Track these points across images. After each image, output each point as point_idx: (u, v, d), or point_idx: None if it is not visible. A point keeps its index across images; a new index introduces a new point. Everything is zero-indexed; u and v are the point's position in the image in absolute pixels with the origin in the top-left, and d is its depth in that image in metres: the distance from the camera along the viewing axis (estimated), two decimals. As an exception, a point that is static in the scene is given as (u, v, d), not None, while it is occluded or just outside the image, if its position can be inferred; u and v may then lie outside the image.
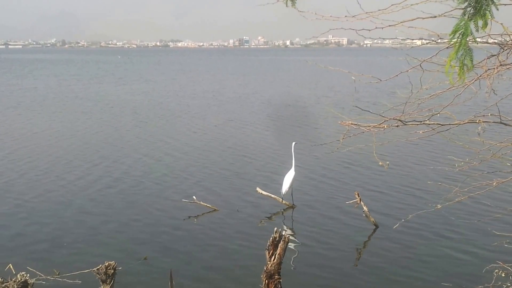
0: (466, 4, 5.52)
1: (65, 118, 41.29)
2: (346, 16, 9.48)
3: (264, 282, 11.57)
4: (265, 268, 11.55)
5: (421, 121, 10.19)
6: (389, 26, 9.38)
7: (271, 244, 11.71)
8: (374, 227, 16.83)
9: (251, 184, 21.34)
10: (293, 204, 19.02)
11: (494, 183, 10.15)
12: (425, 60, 10.62)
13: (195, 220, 17.95)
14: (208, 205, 18.66)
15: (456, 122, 10.23)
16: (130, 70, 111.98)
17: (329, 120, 35.96)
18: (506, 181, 10.29)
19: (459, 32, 4.67)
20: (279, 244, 11.67)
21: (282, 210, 18.81)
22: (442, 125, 10.22)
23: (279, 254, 11.63)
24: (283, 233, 11.78)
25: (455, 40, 4.69)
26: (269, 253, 11.69)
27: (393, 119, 10.12)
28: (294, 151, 19.42)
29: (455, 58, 4.77)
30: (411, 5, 9.75)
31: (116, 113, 43.17)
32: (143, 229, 17.11)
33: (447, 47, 10.15)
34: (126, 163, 25.70)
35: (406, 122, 10.17)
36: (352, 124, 10.33)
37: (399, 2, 9.18)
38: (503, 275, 10.19)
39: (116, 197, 20.33)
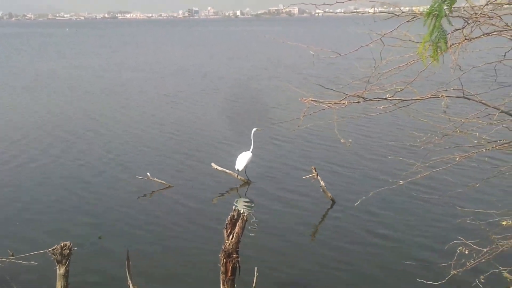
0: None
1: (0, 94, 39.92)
2: (306, -12, 9.18)
3: (222, 261, 11.28)
4: (223, 247, 11.25)
5: (382, 98, 9.98)
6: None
7: (229, 223, 11.40)
8: (331, 202, 16.69)
9: (204, 160, 20.95)
10: (249, 180, 18.74)
11: (457, 159, 10.02)
12: (385, 34, 10.36)
13: (149, 197, 17.55)
14: (162, 181, 18.24)
15: (418, 97, 10.04)
16: (75, 43, 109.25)
17: (282, 95, 35.52)
18: (468, 156, 10.18)
19: (433, 13, 4.40)
20: (237, 223, 11.38)
21: (238, 186, 18.53)
22: (404, 100, 9.99)
23: (237, 232, 11.33)
24: (241, 211, 11.47)
25: (429, 22, 4.42)
26: (227, 232, 11.39)
27: (354, 95, 9.87)
28: (253, 137, 18.89)
29: (429, 40, 4.51)
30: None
31: (55, 88, 41.68)
32: (96, 208, 16.64)
33: (407, 21, 9.95)
34: (70, 140, 24.91)
35: (367, 98, 9.95)
36: (312, 101, 10.04)
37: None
38: (466, 252, 10.09)
39: (64, 176, 19.70)
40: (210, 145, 23.59)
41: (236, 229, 11.44)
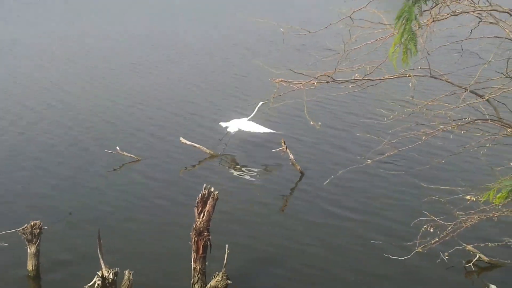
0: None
1: None
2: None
3: (193, 240, 11.41)
4: (194, 226, 11.37)
5: (351, 78, 10.08)
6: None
7: (200, 201, 11.50)
8: (300, 175, 16.85)
9: (172, 133, 20.67)
10: (219, 153, 18.73)
11: (423, 137, 10.20)
12: (354, 11, 10.42)
13: (119, 171, 17.51)
14: (131, 155, 18.17)
15: (386, 77, 10.16)
16: (38, 9, 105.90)
17: (248, 66, 34.52)
18: (434, 133, 10.35)
19: (403, 17, 4.46)
20: (208, 201, 11.48)
21: (207, 158, 18.51)
22: (373, 80, 10.12)
23: (208, 211, 11.44)
24: (212, 189, 11.54)
25: (400, 25, 4.47)
26: (197, 210, 11.49)
27: (324, 75, 9.96)
28: (257, 110, 18.41)
29: (399, 43, 4.56)
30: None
31: (16, 57, 39.80)
32: (65, 183, 16.58)
33: (376, -1, 10.01)
34: (32, 113, 23.90)
35: (336, 79, 10.04)
36: (282, 81, 10.11)
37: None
38: (431, 230, 10.34)
39: (28, 151, 19.33)
40: (178, 118, 23.14)
41: (207, 208, 11.52)
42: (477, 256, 11.72)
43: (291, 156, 16.81)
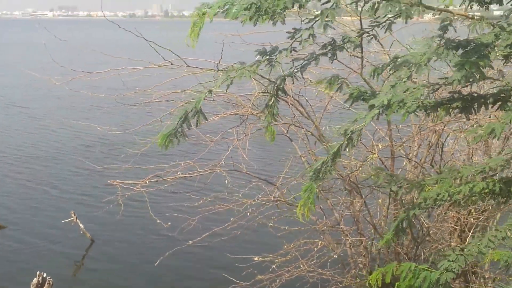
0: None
1: None
2: None
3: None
4: (31, 314, 12.44)
5: (174, 176, 12.39)
6: None
7: (36, 288, 12.64)
8: (91, 241, 18.31)
9: None
10: (5, 225, 19.10)
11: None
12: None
13: None
14: None
15: (199, 174, 12.58)
16: None
17: None
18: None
19: (309, 189, 6.34)
20: (44, 287, 12.68)
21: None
22: (189, 175, 12.56)
23: (45, 297, 12.65)
24: (44, 275, 12.72)
25: (306, 195, 6.35)
26: (33, 297, 12.61)
27: (155, 176, 12.15)
28: None
29: (303, 204, 6.36)
30: None
31: None
32: None
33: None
34: None
35: (164, 177, 12.26)
36: (120, 183, 12.03)
37: None
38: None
39: None
40: None
41: (44, 295, 12.72)
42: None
43: (81, 225, 18.20)
